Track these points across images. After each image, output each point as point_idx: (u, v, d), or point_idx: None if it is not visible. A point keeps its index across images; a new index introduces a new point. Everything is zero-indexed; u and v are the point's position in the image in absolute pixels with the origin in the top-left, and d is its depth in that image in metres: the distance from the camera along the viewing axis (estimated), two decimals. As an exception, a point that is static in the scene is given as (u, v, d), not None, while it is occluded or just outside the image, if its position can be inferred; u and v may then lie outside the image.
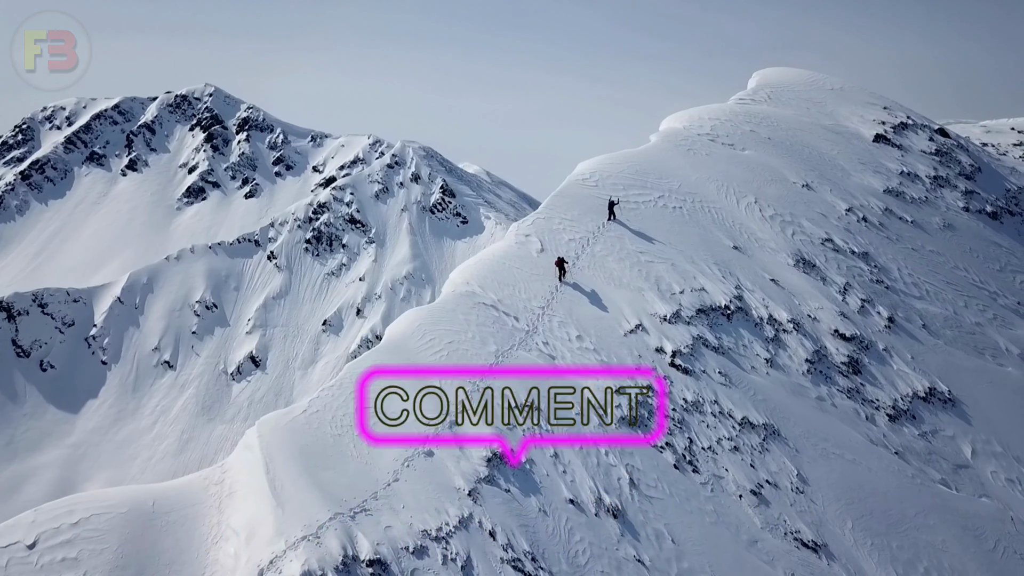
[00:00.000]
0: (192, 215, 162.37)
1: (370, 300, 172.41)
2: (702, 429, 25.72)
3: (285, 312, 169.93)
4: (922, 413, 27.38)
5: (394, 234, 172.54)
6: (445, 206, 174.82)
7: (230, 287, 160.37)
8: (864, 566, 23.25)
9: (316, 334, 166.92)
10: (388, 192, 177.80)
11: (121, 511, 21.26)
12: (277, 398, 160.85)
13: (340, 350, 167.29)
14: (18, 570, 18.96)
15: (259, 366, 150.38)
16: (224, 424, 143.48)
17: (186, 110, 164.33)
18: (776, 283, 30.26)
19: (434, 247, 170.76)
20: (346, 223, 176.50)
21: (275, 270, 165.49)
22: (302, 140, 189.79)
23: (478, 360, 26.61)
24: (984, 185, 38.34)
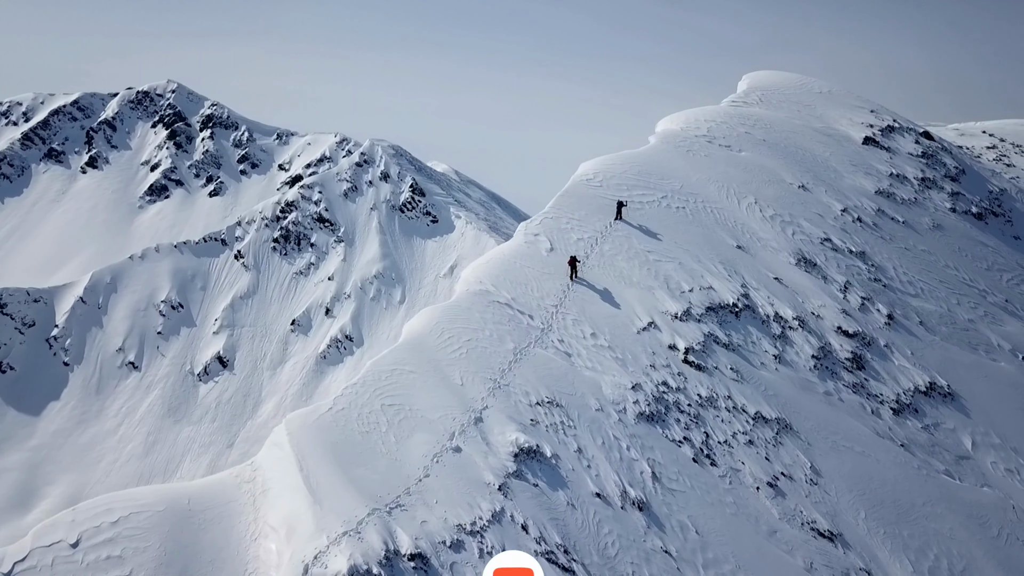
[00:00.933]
0: (155, 213, 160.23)
1: (339, 300, 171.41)
2: (717, 424, 26.43)
3: (253, 312, 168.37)
4: (924, 407, 28.42)
5: (363, 233, 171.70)
6: (415, 205, 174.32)
7: (196, 287, 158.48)
8: (878, 554, 24.12)
9: (285, 334, 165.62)
10: (357, 191, 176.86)
11: (159, 509, 21.32)
12: (245, 399, 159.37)
13: (309, 350, 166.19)
14: (64, 568, 18.97)
15: (227, 366, 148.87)
16: (191, 426, 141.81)
17: (148, 107, 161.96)
18: (780, 281, 31.14)
19: (404, 246, 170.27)
20: (314, 222, 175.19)
21: (242, 269, 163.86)
22: (267, 138, 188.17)
23: (497, 357, 27.05)
24: (968, 187, 39.75)
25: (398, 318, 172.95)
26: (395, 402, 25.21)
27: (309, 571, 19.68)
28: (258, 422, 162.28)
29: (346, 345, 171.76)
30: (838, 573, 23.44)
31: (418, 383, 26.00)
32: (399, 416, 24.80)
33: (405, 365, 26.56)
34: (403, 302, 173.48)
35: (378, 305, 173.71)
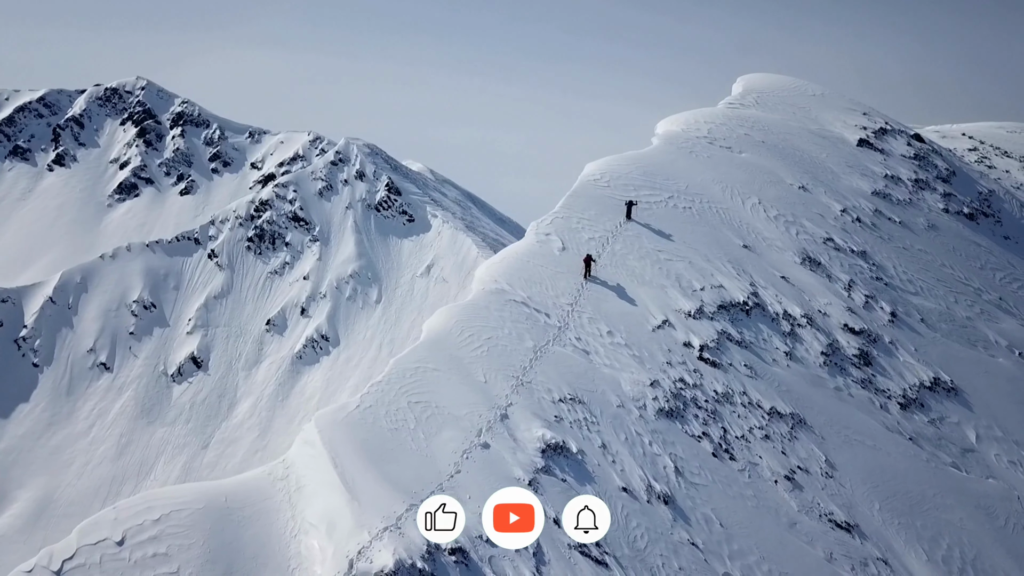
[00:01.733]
0: (124, 212, 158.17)
1: (315, 299, 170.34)
2: (734, 419, 27.06)
3: (227, 312, 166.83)
4: (929, 401, 29.33)
5: (339, 232, 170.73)
6: (391, 204, 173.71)
7: (169, 286, 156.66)
8: (893, 544, 24.90)
9: (260, 334, 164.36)
10: (332, 190, 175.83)
11: (198, 507, 21.43)
12: (220, 399, 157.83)
13: (285, 350, 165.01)
14: (112, 566, 19.05)
15: (201, 367, 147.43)
16: (165, 427, 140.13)
17: (116, 104, 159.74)
18: (786, 280, 31.92)
19: (380, 246, 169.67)
20: (289, 221, 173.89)
21: (216, 269, 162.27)
22: (240, 136, 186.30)
23: (517, 355, 27.44)
24: (959, 188, 40.93)
25: (374, 318, 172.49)
26: (421, 399, 25.48)
27: (354, 566, 19.93)
28: (233, 423, 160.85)
29: (322, 345, 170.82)
30: (857, 563, 24.15)
31: (442, 380, 26.30)
32: (426, 413, 25.08)
33: (428, 363, 26.83)
34: (379, 302, 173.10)
35: (354, 305, 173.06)
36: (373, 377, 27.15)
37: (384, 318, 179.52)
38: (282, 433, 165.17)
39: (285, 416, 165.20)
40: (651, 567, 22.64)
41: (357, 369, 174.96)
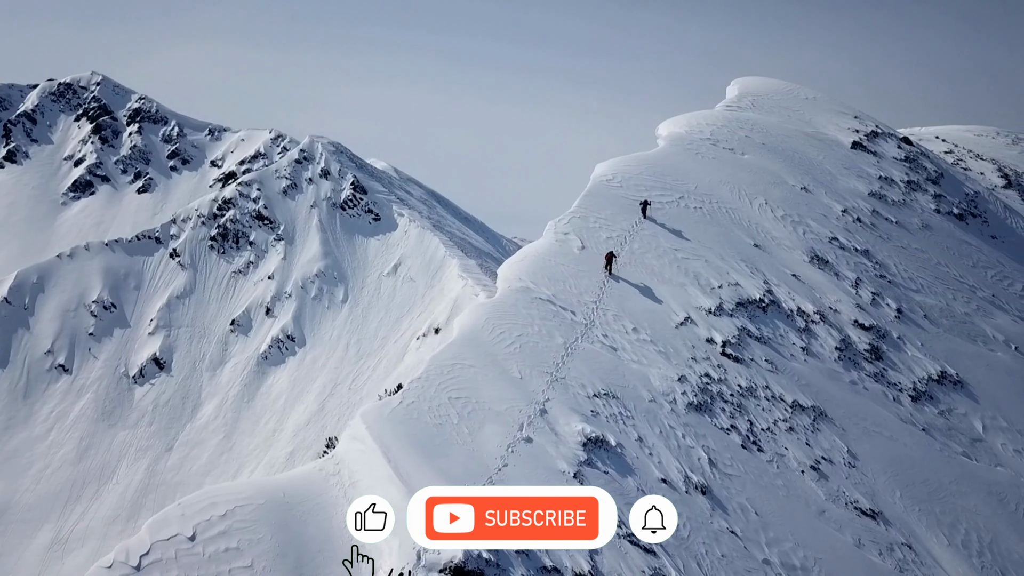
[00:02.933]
0: (79, 210, 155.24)
1: (280, 299, 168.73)
2: (759, 412, 28.02)
3: (190, 312, 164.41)
4: (937, 394, 30.68)
5: (304, 231, 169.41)
6: (356, 203, 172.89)
7: (130, 286, 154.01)
8: (916, 530, 26.08)
9: (224, 334, 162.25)
10: (297, 188, 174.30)
11: (259, 502, 21.66)
12: (184, 401, 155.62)
13: (250, 350, 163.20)
14: (188, 561, 19.24)
15: (163, 368, 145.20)
16: (127, 430, 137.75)
17: (71, 99, 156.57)
18: (797, 278, 33.05)
19: (346, 245, 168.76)
20: (253, 220, 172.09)
21: (178, 268, 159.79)
22: (199, 133, 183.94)
23: (549, 352, 28.07)
24: (947, 189, 42.62)
25: (341, 318, 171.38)
26: (461, 395, 25.96)
27: (422, 558, 20.37)
28: (198, 424, 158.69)
29: (288, 345, 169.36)
30: (884, 548, 25.24)
31: (479, 377, 26.80)
32: (467, 408, 25.57)
33: (464, 360, 27.31)
34: (346, 301, 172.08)
35: (320, 304, 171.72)
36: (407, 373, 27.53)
37: (351, 318, 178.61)
38: (248, 435, 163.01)
39: (251, 417, 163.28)
40: (695, 555, 23.42)
41: (324, 370, 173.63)
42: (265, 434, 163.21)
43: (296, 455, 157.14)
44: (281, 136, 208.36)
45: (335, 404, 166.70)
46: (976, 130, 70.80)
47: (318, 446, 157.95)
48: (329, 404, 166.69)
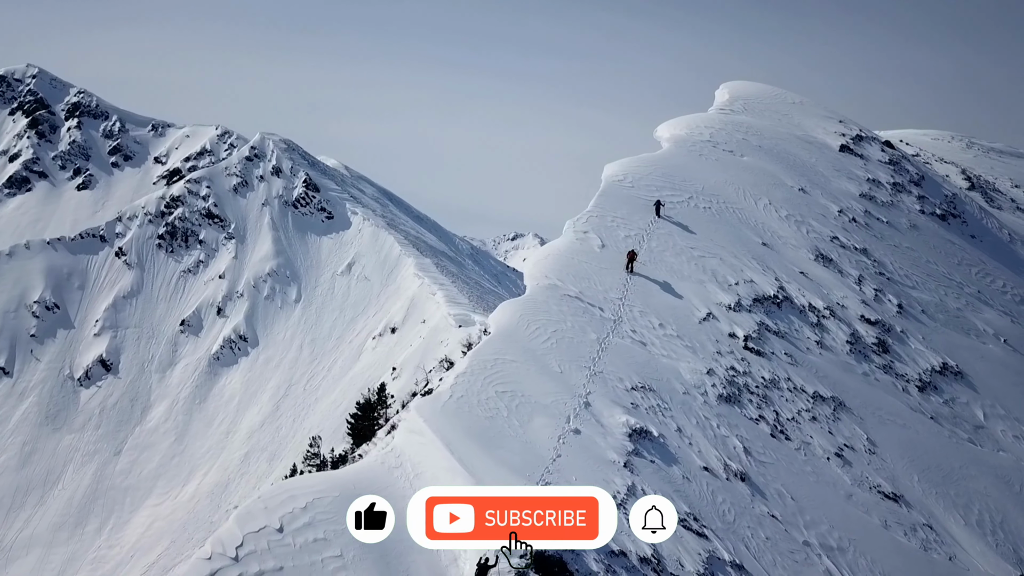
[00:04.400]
0: (16, 207, 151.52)
1: (231, 299, 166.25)
2: (783, 403, 29.40)
3: (138, 312, 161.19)
4: (941, 384, 32.51)
5: (255, 229, 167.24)
6: (309, 201, 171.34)
7: (73, 286, 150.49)
8: (935, 511, 27.73)
9: (173, 335, 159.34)
10: (247, 186, 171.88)
11: (335, 495, 22.10)
12: (133, 404, 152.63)
13: (201, 351, 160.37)
14: (281, 551, 19.64)
15: (110, 370, 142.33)
16: (73, 434, 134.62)
17: (4, 92, 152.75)
18: (805, 275, 34.60)
19: (298, 243, 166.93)
20: (203, 218, 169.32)
21: (125, 267, 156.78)
22: (142, 129, 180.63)
23: (584, 347, 29.01)
24: (929, 191, 44.83)
25: (294, 317, 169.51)
26: (507, 389, 26.71)
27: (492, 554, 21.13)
28: (147, 428, 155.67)
29: (240, 346, 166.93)
30: (908, 528, 26.81)
31: (522, 371, 27.59)
32: (515, 402, 26.33)
33: (505, 355, 28.06)
34: (299, 301, 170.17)
35: (273, 304, 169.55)
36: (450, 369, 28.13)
37: (304, 317, 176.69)
38: (200, 437, 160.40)
39: (203, 419, 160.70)
40: (742, 537, 24.61)
41: (278, 370, 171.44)
42: (218, 436, 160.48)
43: (251, 457, 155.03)
44: (228, 132, 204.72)
45: (290, 405, 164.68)
46: (932, 134, 74.11)
47: (273, 447, 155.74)
48: (284, 405, 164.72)
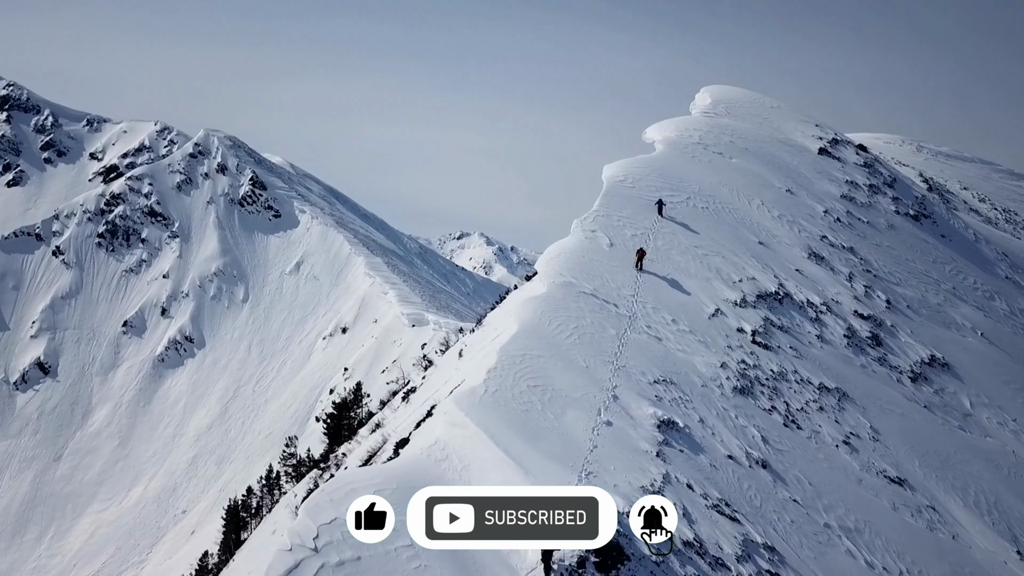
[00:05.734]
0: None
1: (176, 299, 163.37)
2: (792, 394, 30.85)
3: (77, 313, 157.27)
4: (930, 375, 34.43)
5: (200, 228, 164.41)
6: (256, 199, 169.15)
7: (7, 286, 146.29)
8: (936, 494, 29.49)
9: (116, 336, 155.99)
10: (192, 183, 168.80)
11: (393, 487, 22.56)
12: (73, 407, 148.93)
13: (144, 353, 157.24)
14: (356, 542, 19.98)
15: (48, 373, 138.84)
16: (9, 439, 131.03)
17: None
18: (801, 273, 36.21)
19: (245, 242, 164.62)
20: (145, 216, 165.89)
21: (63, 267, 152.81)
22: (76, 124, 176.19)
23: (605, 342, 30.01)
24: (901, 192, 47.09)
25: (242, 317, 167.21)
26: (538, 383, 27.51)
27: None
28: (89, 432, 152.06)
29: (186, 347, 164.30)
30: (914, 510, 28.47)
31: (550, 366, 28.42)
32: (546, 396, 27.16)
33: (532, 350, 28.85)
34: (247, 301, 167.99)
35: (219, 304, 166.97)
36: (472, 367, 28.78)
37: (252, 318, 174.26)
38: (145, 441, 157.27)
39: (148, 423, 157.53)
40: (770, 521, 25.89)
41: (225, 371, 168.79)
42: (164, 440, 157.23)
43: (199, 460, 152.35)
44: (167, 128, 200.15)
45: (239, 407, 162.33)
46: (884, 138, 77.25)
47: (222, 450, 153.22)
48: (232, 407, 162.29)
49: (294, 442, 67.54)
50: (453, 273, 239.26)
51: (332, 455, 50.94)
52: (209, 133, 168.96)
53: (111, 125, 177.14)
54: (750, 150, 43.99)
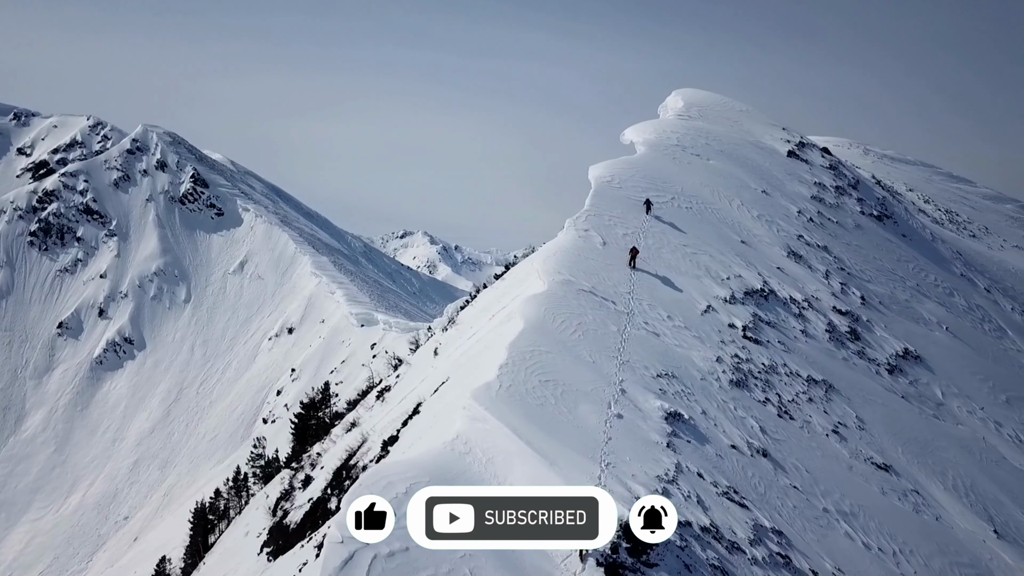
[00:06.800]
0: None
1: (114, 299, 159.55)
2: (783, 386, 32.28)
3: (8, 314, 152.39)
4: (905, 367, 36.30)
5: (139, 226, 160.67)
6: (197, 197, 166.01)
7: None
8: (919, 479, 31.23)
9: (50, 338, 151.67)
10: (130, 180, 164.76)
11: (426, 479, 23.21)
12: (5, 413, 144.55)
13: (81, 355, 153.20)
14: (403, 534, 20.61)
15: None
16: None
17: None
18: (782, 271, 37.75)
19: (187, 241, 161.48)
20: (80, 214, 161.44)
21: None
22: (2, 118, 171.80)
23: (608, 338, 30.99)
24: (864, 194, 49.22)
25: (184, 318, 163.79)
26: (549, 378, 28.30)
27: (591, 519, 22.81)
28: (23, 438, 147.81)
29: (125, 349, 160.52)
30: (900, 494, 30.14)
31: (558, 362, 29.24)
32: (558, 390, 27.96)
33: (540, 346, 29.62)
34: (189, 301, 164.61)
35: (160, 304, 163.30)
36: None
37: (195, 318, 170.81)
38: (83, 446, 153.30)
39: (86, 427, 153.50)
40: (775, 507, 27.18)
41: (168, 373, 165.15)
42: (104, 444, 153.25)
43: (141, 465, 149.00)
44: (101, 123, 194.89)
45: (182, 409, 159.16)
46: (834, 141, 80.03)
47: (165, 454, 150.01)
48: (175, 410, 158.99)
49: (262, 443, 67.07)
50: (399, 272, 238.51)
51: (306, 455, 50.92)
52: (148, 129, 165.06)
53: (40, 119, 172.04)
54: (725, 152, 45.51)
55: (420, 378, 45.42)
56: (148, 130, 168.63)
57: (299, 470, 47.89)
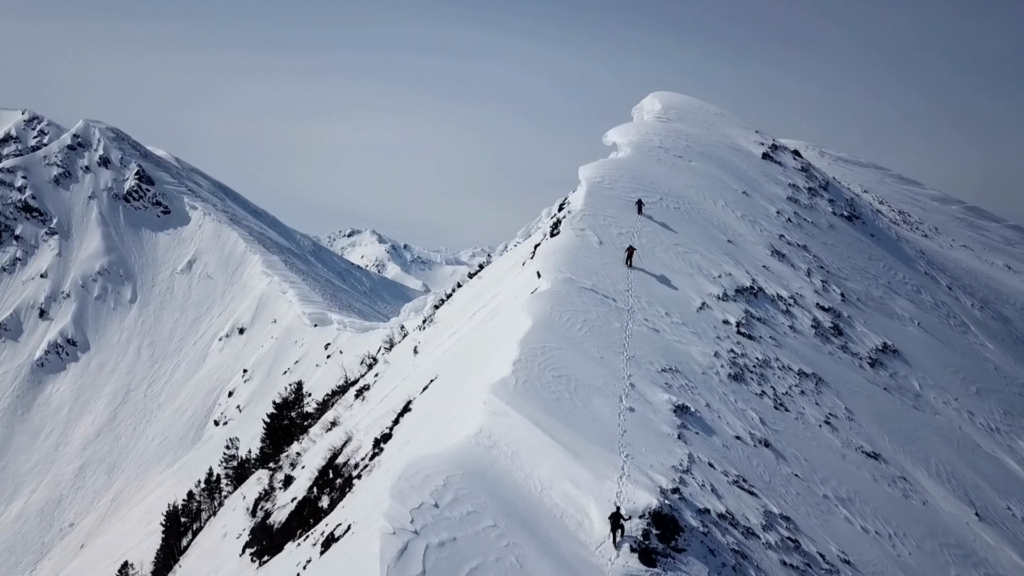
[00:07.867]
0: None
1: (56, 299, 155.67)
2: (777, 380, 33.63)
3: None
4: (884, 361, 38.03)
5: (81, 224, 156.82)
6: (142, 194, 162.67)
7: None
8: (905, 466, 32.86)
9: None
10: (71, 177, 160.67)
11: (460, 472, 23.76)
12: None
13: (21, 357, 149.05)
14: (447, 524, 21.06)
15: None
16: None
17: None
18: (767, 269, 39.19)
19: (132, 239, 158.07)
20: (19, 211, 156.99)
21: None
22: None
23: (613, 335, 31.94)
24: (834, 195, 51.13)
25: (130, 319, 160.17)
26: (561, 374, 29.12)
27: (621, 508, 23.74)
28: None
29: (68, 350, 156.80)
30: (889, 481, 31.71)
31: (569, 357, 30.08)
32: (571, 385, 28.80)
33: (550, 343, 30.42)
34: (135, 301, 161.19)
35: (104, 305, 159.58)
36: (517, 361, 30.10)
37: (141, 319, 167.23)
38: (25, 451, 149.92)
39: (27, 432, 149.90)
40: (780, 494, 28.43)
41: (114, 375, 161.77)
42: (46, 449, 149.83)
43: (87, 470, 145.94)
44: (37, 118, 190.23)
45: (129, 412, 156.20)
46: (792, 144, 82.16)
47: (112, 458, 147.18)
48: (122, 412, 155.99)
49: (235, 443, 66.44)
50: (349, 271, 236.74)
51: (284, 454, 50.82)
52: (89, 124, 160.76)
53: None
54: (705, 154, 46.89)
55: (401, 376, 45.84)
56: (90, 125, 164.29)
57: (277, 470, 47.79)
